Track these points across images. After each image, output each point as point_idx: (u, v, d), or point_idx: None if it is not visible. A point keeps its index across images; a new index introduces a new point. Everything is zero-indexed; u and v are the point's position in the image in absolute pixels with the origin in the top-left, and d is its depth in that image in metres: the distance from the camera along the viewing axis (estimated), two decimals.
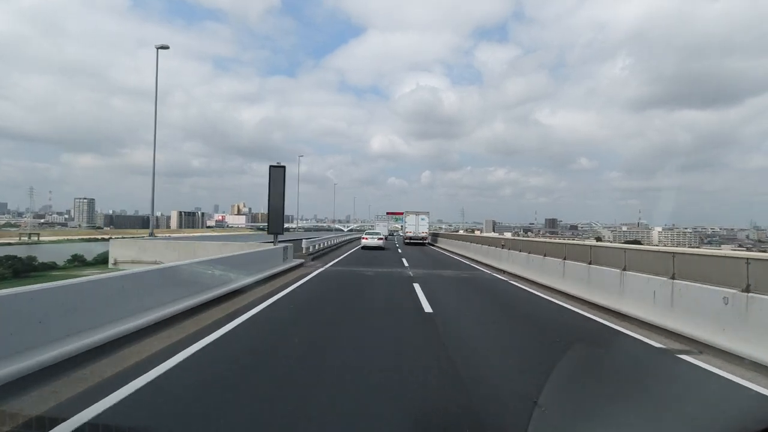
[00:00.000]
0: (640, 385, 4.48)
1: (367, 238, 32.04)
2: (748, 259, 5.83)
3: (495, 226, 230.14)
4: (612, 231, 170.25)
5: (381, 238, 32.58)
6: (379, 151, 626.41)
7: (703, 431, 3.34)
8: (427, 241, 41.54)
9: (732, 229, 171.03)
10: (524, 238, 21.09)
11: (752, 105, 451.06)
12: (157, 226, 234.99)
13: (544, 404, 3.50)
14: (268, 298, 9.26)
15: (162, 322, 6.40)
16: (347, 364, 5.02)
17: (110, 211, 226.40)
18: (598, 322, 7.97)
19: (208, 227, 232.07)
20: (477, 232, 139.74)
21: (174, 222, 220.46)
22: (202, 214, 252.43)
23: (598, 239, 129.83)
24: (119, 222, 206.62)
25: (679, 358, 5.63)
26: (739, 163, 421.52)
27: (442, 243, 38.05)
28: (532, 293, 11.44)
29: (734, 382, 4.65)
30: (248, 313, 7.71)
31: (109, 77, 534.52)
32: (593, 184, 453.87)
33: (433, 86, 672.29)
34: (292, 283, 11.76)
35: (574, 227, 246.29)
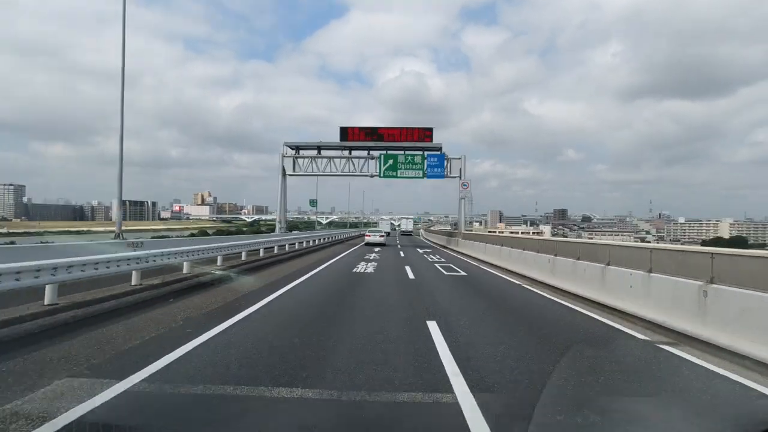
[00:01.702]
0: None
1: (370, 236, 33.27)
2: None
3: (502, 218, 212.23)
4: (649, 224, 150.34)
5: (382, 235, 33.96)
6: None
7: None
8: (412, 233, 74.16)
9: None
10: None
11: (744, 95, 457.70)
12: (93, 218, 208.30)
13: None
14: None
15: None
16: None
17: (26, 199, 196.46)
18: None
19: (162, 219, 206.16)
20: (498, 230, 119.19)
21: (116, 213, 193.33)
22: (153, 204, 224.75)
23: (642, 239, 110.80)
24: (38, 212, 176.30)
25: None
26: (725, 155, 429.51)
27: (425, 234, 65.66)
28: None
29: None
30: None
31: (71, 58, 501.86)
32: (580, 176, 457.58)
33: (418, 71, 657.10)
34: None
35: (587, 219, 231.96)
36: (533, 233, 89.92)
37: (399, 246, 30.31)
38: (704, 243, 76.94)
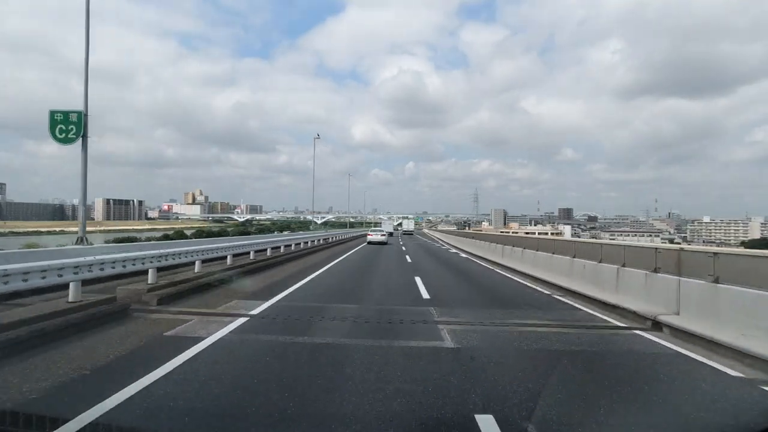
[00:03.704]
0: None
1: (372, 235, 33.62)
2: None
3: (507, 217, 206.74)
4: (665, 223, 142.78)
5: (384, 234, 34.38)
6: (361, 141, 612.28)
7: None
8: (414, 232, 75.38)
9: None
10: None
11: (743, 94, 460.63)
12: (74, 217, 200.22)
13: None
14: None
15: None
16: None
17: None
18: None
19: (149, 219, 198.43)
20: (512, 230, 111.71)
21: (99, 212, 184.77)
22: (140, 202, 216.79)
23: (671, 240, 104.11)
24: (13, 211, 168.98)
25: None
26: (724, 155, 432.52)
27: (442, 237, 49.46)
28: None
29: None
30: None
31: (61, 55, 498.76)
32: (579, 176, 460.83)
33: (416, 70, 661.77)
34: None
35: (593, 219, 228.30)
36: (551, 234, 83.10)
37: (426, 296, 9.17)
38: (744, 245, 70.58)
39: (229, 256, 13.56)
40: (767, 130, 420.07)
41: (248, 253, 15.66)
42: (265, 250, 17.46)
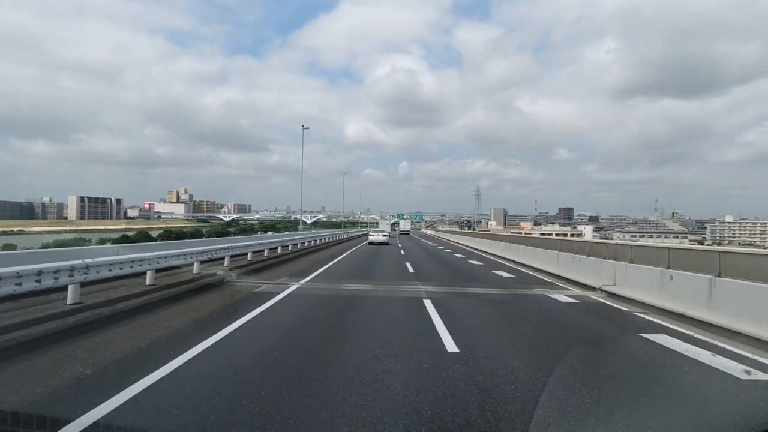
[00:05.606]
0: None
1: (373, 235, 34.74)
2: None
3: (507, 218, 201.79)
4: (677, 223, 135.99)
5: (385, 235, 35.59)
6: (355, 140, 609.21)
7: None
8: (410, 232, 78.41)
9: None
10: None
11: (737, 94, 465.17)
12: (44, 216, 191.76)
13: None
14: None
15: None
16: None
17: None
18: None
19: (129, 218, 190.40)
20: (524, 230, 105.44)
21: (73, 211, 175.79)
22: (118, 201, 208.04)
23: (700, 242, 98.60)
24: None
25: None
26: (719, 155, 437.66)
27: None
28: None
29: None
30: None
31: (49, 51, 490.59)
32: (573, 176, 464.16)
33: (410, 68, 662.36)
34: None
35: (594, 219, 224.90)
36: (571, 234, 77.27)
37: None
38: None
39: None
40: (759, 131, 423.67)
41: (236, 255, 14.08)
42: (246, 254, 15.65)
